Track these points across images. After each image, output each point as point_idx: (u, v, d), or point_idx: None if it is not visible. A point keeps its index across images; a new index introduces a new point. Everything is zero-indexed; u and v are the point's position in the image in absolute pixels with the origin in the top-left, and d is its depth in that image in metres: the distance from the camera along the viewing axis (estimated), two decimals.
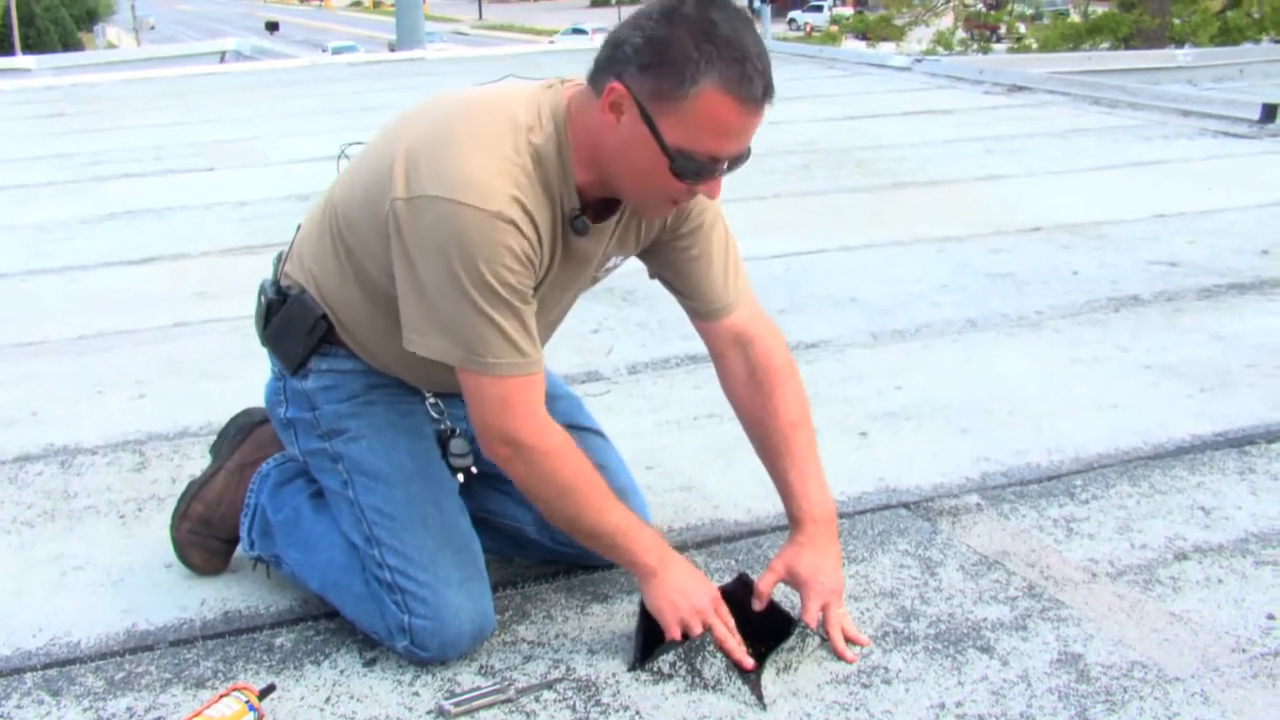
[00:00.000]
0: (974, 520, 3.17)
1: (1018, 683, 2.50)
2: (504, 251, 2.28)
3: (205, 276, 5.53)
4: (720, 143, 2.26)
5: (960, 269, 5.49)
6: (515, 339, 2.35)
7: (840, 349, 4.48)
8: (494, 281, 2.29)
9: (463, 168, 2.27)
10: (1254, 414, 3.83)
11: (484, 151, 2.30)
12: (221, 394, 3.92)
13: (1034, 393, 4.04)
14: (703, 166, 2.27)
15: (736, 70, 2.19)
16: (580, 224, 2.43)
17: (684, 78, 2.20)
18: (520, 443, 2.42)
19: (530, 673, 2.54)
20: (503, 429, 2.42)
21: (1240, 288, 5.14)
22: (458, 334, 2.34)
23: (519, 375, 2.38)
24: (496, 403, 2.40)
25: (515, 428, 2.41)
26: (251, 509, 2.84)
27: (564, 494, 2.48)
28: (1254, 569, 2.93)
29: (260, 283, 2.72)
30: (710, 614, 2.50)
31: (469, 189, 2.26)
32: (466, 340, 2.34)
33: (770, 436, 2.71)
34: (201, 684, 2.53)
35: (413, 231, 2.30)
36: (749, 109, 2.23)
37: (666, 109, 2.23)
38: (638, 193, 2.39)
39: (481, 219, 2.25)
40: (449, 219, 2.26)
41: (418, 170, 2.30)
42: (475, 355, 2.35)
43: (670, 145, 2.24)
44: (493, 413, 2.41)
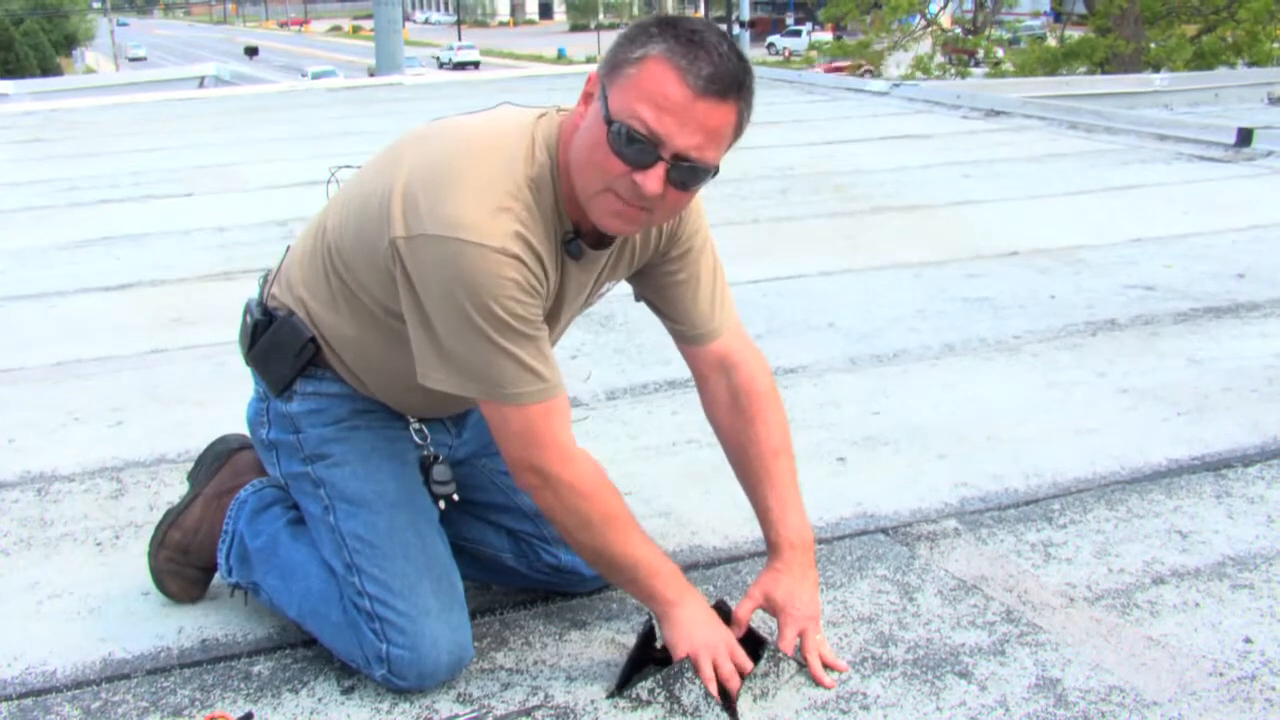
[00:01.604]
0: (952, 545, 3.18)
1: (996, 708, 2.49)
2: (509, 285, 2.28)
3: (183, 303, 5.52)
4: (654, 113, 2.22)
5: (938, 293, 5.50)
6: (533, 366, 2.35)
7: (818, 374, 4.48)
8: (504, 315, 2.29)
9: (463, 206, 2.27)
10: (1230, 438, 3.84)
11: (483, 187, 2.29)
12: (199, 421, 3.91)
13: (1011, 417, 4.05)
14: (636, 140, 2.23)
15: (686, 49, 2.20)
16: (574, 248, 2.43)
17: (634, 47, 2.23)
18: (548, 473, 2.42)
19: (508, 700, 2.54)
20: (530, 460, 2.42)
21: (1216, 311, 5.16)
22: (475, 369, 2.34)
23: (541, 402, 2.38)
24: (521, 433, 2.40)
25: (542, 459, 2.41)
26: (229, 536, 2.83)
27: (588, 526, 2.48)
28: (1231, 592, 2.93)
29: (245, 302, 2.72)
30: (722, 654, 2.50)
31: (470, 227, 2.25)
32: (484, 374, 2.34)
33: (751, 462, 2.71)
34: (179, 713, 2.52)
35: (418, 272, 2.30)
36: (687, 84, 2.20)
37: (615, 77, 2.25)
38: (584, 184, 2.34)
39: (485, 256, 2.25)
40: (453, 258, 2.26)
41: (416, 209, 2.30)
42: (495, 387, 2.35)
43: (610, 112, 2.24)
44: (519, 444, 2.41)
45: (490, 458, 2.83)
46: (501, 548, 2.84)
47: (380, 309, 2.45)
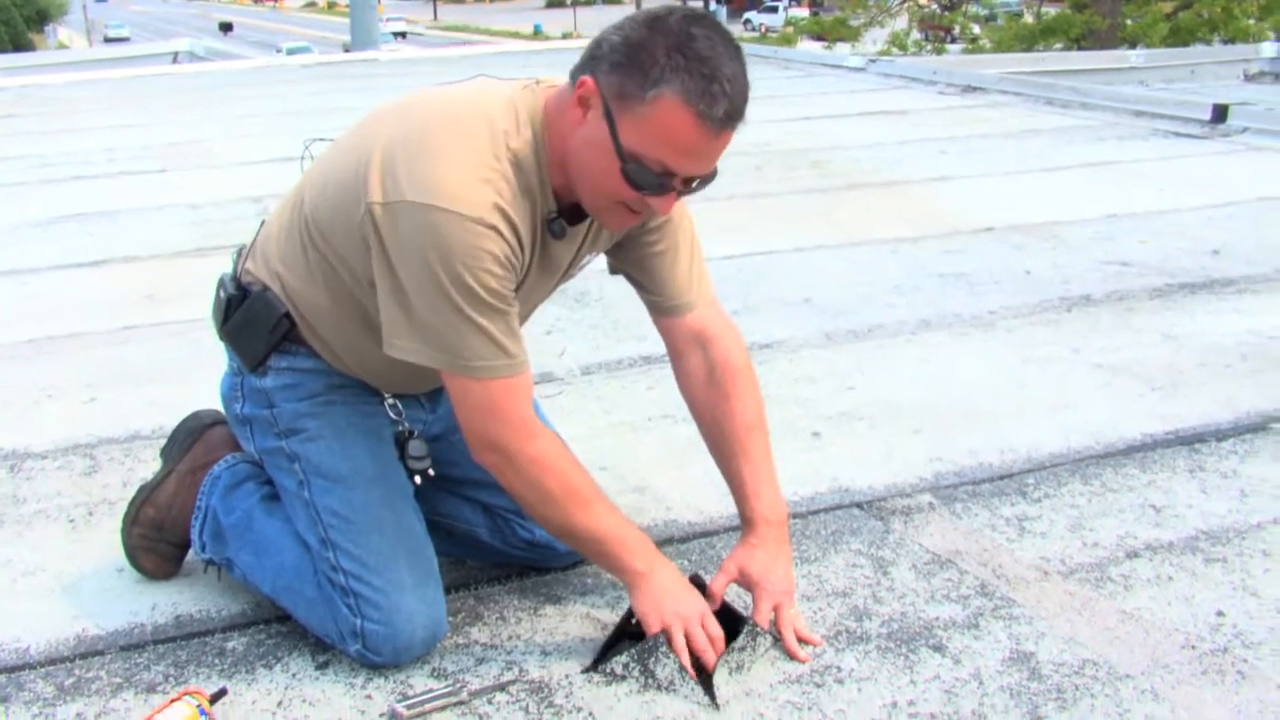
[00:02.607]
0: (926, 520, 3.19)
1: (970, 681, 2.51)
2: (486, 257, 2.27)
3: (156, 279, 5.50)
4: (674, 156, 2.24)
5: (914, 269, 5.51)
6: (500, 340, 2.34)
7: (794, 350, 4.49)
8: (477, 286, 2.28)
9: (442, 174, 2.25)
10: (1204, 413, 3.86)
11: (464, 158, 2.28)
12: (173, 397, 3.90)
13: (987, 393, 4.06)
14: (654, 177, 2.26)
15: (700, 85, 2.17)
16: (557, 227, 2.42)
17: (646, 80, 2.18)
18: (506, 449, 2.42)
19: (483, 675, 2.54)
20: (488, 435, 2.42)
21: (1191, 287, 5.18)
22: (441, 339, 2.33)
23: (504, 377, 2.37)
24: (481, 408, 2.39)
25: (500, 434, 2.41)
26: (203, 512, 2.83)
27: (549, 501, 2.47)
28: (1204, 566, 2.95)
29: (219, 277, 2.70)
30: (694, 623, 2.50)
31: (449, 195, 2.24)
32: (450, 344, 2.33)
33: (726, 437, 2.71)
34: (152, 689, 2.51)
35: (393, 238, 2.29)
36: (706, 127, 2.20)
37: (627, 110, 2.21)
38: (592, 196, 2.36)
39: (463, 225, 2.24)
40: (430, 226, 2.24)
41: (395, 175, 2.28)
42: (459, 359, 2.34)
43: (625, 148, 2.23)
44: (478, 418, 2.40)
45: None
46: (476, 523, 2.84)
47: (357, 282, 2.44)
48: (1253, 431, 3.72)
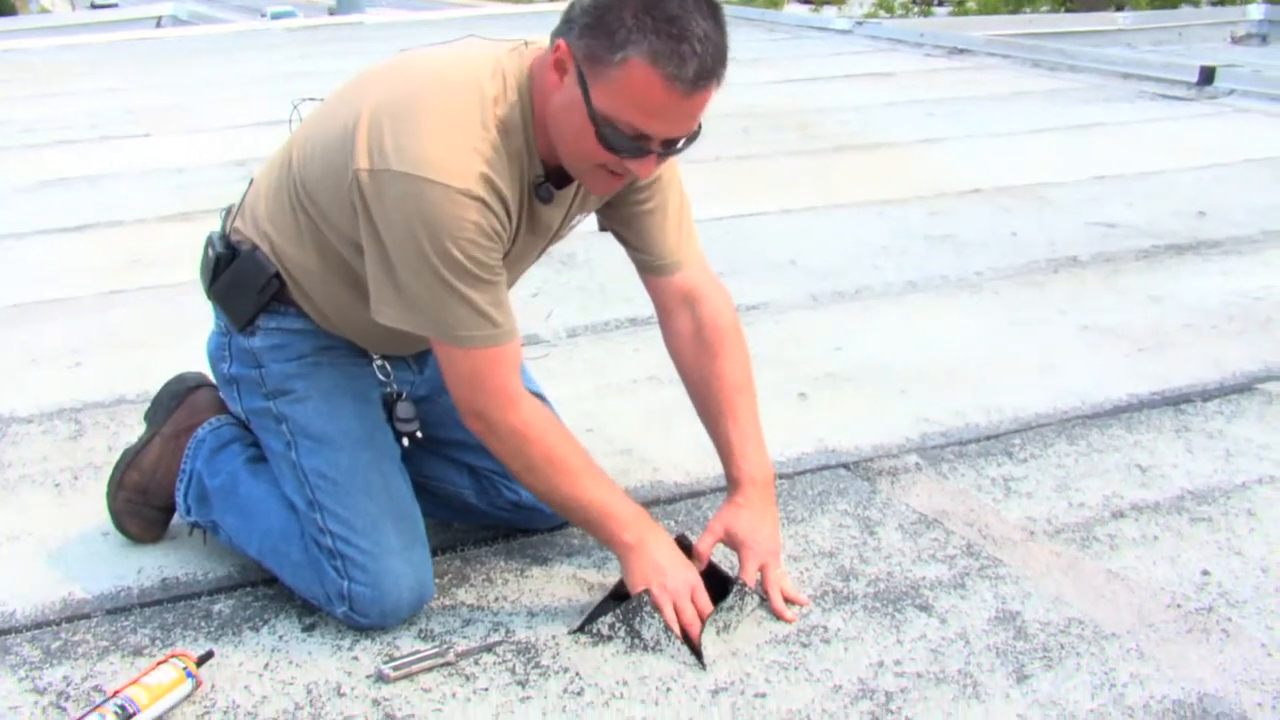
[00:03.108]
0: (913, 480, 3.19)
1: (956, 640, 2.51)
2: (472, 228, 2.25)
3: (141, 244, 5.48)
4: (646, 119, 2.21)
5: (900, 231, 5.50)
6: (487, 311, 2.33)
7: (780, 311, 4.48)
8: (462, 258, 2.26)
9: (429, 143, 2.24)
10: (1190, 373, 3.87)
11: (451, 126, 2.26)
12: (158, 362, 3.88)
13: (973, 354, 4.06)
14: (629, 140, 2.23)
15: (669, 46, 2.13)
16: (544, 192, 2.40)
17: (614, 43, 2.15)
18: (490, 418, 2.42)
19: (470, 636, 2.54)
20: (473, 403, 2.41)
21: (1177, 249, 5.18)
22: (427, 307, 2.32)
23: (491, 347, 2.36)
24: (467, 376, 2.39)
25: (485, 403, 2.41)
26: (187, 475, 2.82)
27: (533, 470, 2.48)
28: (1189, 526, 2.96)
29: (207, 236, 2.68)
30: (683, 597, 2.50)
31: (435, 166, 2.22)
32: (436, 313, 2.32)
33: (713, 397, 2.71)
34: (139, 652, 2.51)
35: (379, 207, 2.27)
36: (676, 89, 2.16)
37: (598, 73, 2.19)
38: (572, 159, 2.34)
39: (448, 196, 2.22)
40: (415, 196, 2.23)
41: (381, 142, 2.26)
42: (445, 327, 2.34)
43: (598, 111, 2.20)
44: (464, 386, 2.40)
45: None
46: (463, 485, 2.83)
47: (345, 244, 2.42)
48: (1238, 392, 3.73)
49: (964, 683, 2.38)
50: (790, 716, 2.29)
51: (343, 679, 2.42)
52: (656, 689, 2.37)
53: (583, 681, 2.39)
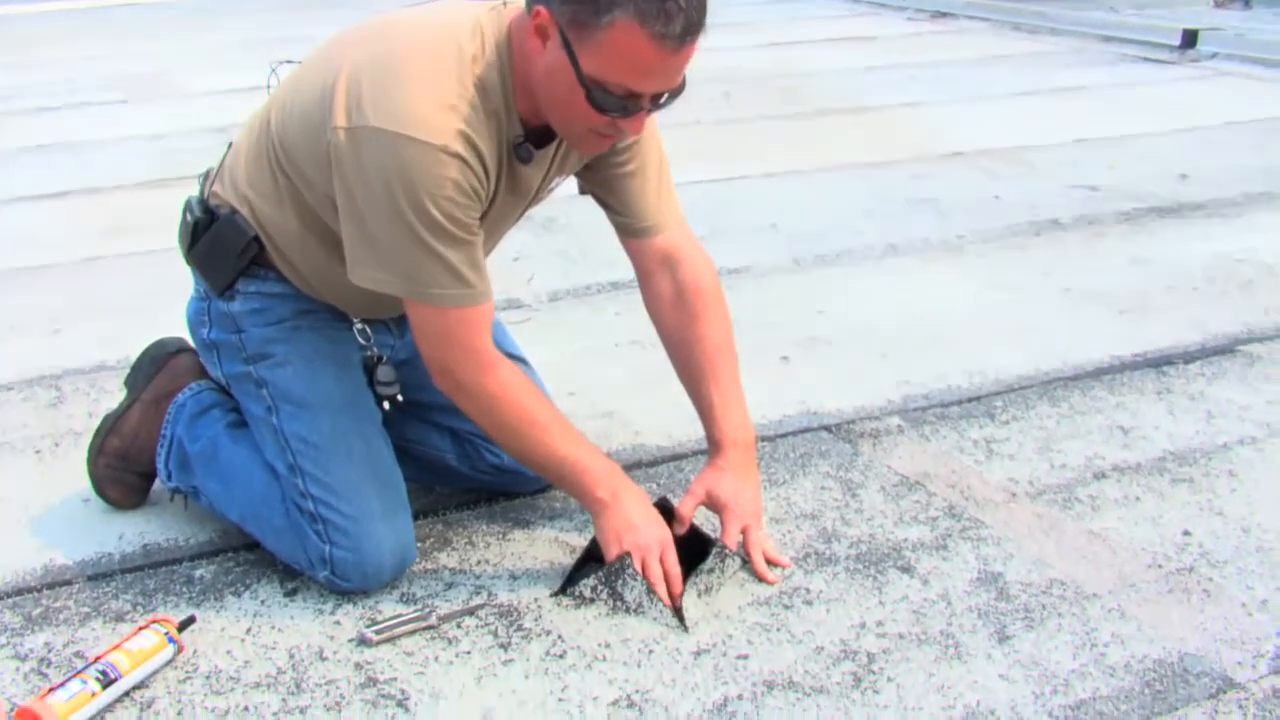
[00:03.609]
0: (895, 442, 3.20)
1: (938, 602, 2.52)
2: (449, 185, 2.25)
3: (120, 211, 5.45)
4: (635, 78, 2.21)
5: (882, 195, 5.50)
6: (460, 270, 2.33)
7: (761, 275, 4.48)
8: (439, 215, 2.26)
9: (408, 100, 2.23)
10: (1172, 336, 3.87)
11: (430, 84, 2.25)
12: (138, 329, 3.85)
13: (955, 317, 4.06)
14: (619, 100, 2.23)
15: (654, 6, 2.12)
16: (524, 152, 2.39)
17: (598, 7, 2.14)
18: (460, 378, 2.42)
19: (452, 600, 2.55)
20: (444, 362, 2.42)
21: (1159, 212, 5.18)
22: (401, 266, 2.31)
23: (463, 307, 2.36)
24: (438, 335, 2.39)
25: (455, 362, 2.41)
26: (168, 440, 2.82)
27: (503, 429, 2.49)
28: (1170, 487, 2.97)
29: (186, 200, 2.67)
30: (652, 554, 2.51)
31: (413, 123, 2.21)
32: (410, 271, 2.32)
33: (694, 360, 2.70)
34: (120, 618, 2.51)
35: (354, 163, 2.26)
36: (665, 47, 2.16)
37: (583, 38, 2.18)
38: (562, 123, 2.34)
39: (426, 153, 2.22)
40: (392, 152, 2.22)
41: (360, 99, 2.25)
42: (418, 286, 2.33)
43: (586, 75, 2.19)
44: (436, 345, 2.41)
45: None
46: (444, 448, 2.83)
47: (324, 205, 2.41)
48: (1220, 354, 3.74)
49: (946, 644, 2.39)
50: (772, 678, 2.29)
51: (325, 643, 2.42)
52: (639, 651, 2.37)
53: (565, 644, 2.40)
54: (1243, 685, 2.27)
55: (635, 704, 2.23)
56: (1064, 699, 2.23)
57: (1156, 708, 2.21)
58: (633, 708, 2.22)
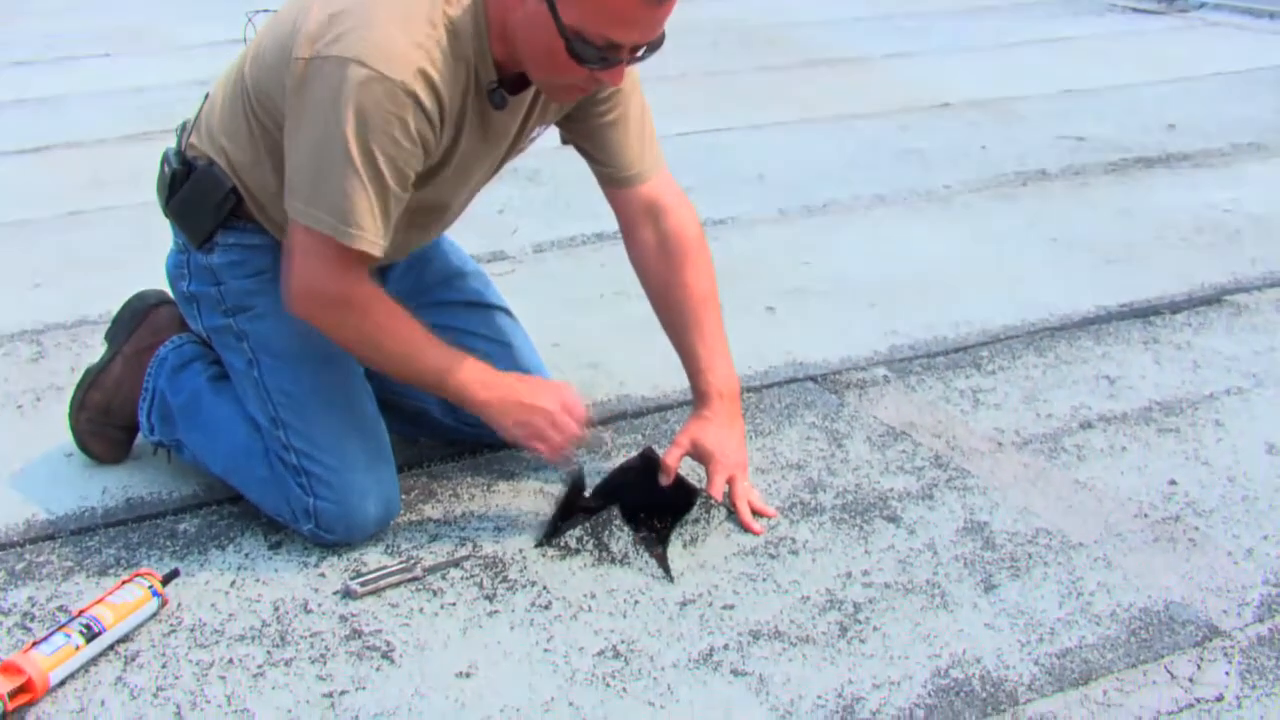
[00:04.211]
0: (881, 393, 3.20)
1: (924, 551, 2.53)
2: (396, 123, 2.22)
3: (101, 165, 5.42)
4: (617, 30, 2.19)
5: (869, 146, 5.48)
6: (369, 209, 2.27)
7: (747, 225, 4.47)
8: (377, 151, 2.23)
9: (373, 36, 2.21)
10: (1159, 286, 3.87)
11: (399, 23, 2.23)
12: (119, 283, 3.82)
13: (941, 267, 4.06)
14: (599, 51, 2.21)
15: None
16: (498, 97, 2.37)
17: None
18: (328, 303, 2.38)
19: (437, 551, 2.55)
20: (311, 282, 2.37)
21: (1147, 162, 5.17)
22: (313, 183, 2.27)
23: (344, 243, 2.29)
24: (312, 258, 2.34)
25: (326, 285, 2.36)
26: (150, 394, 2.81)
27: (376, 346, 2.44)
28: (1157, 437, 2.97)
29: (164, 152, 2.65)
30: (558, 418, 2.48)
31: (375, 56, 2.19)
32: (319, 191, 2.27)
33: (678, 310, 2.70)
34: (104, 571, 2.51)
35: (310, 89, 2.24)
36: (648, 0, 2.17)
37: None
38: (540, 73, 2.33)
39: (382, 86, 2.19)
40: (349, 80, 2.19)
41: (325, 32, 2.23)
42: (314, 209, 2.28)
43: (567, 26, 2.18)
44: (304, 266, 2.36)
45: (416, 310, 2.79)
46: (428, 400, 2.81)
47: None
48: (1206, 304, 3.74)
49: (932, 593, 2.40)
50: (758, 628, 2.30)
51: (310, 596, 2.42)
52: (624, 601, 2.38)
53: (550, 595, 2.40)
54: (1228, 633, 2.29)
55: (621, 654, 2.23)
56: (1050, 647, 2.24)
57: (1142, 656, 2.22)
58: (618, 658, 2.22)
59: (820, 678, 2.17)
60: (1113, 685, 2.15)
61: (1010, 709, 2.10)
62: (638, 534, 2.52)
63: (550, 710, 2.10)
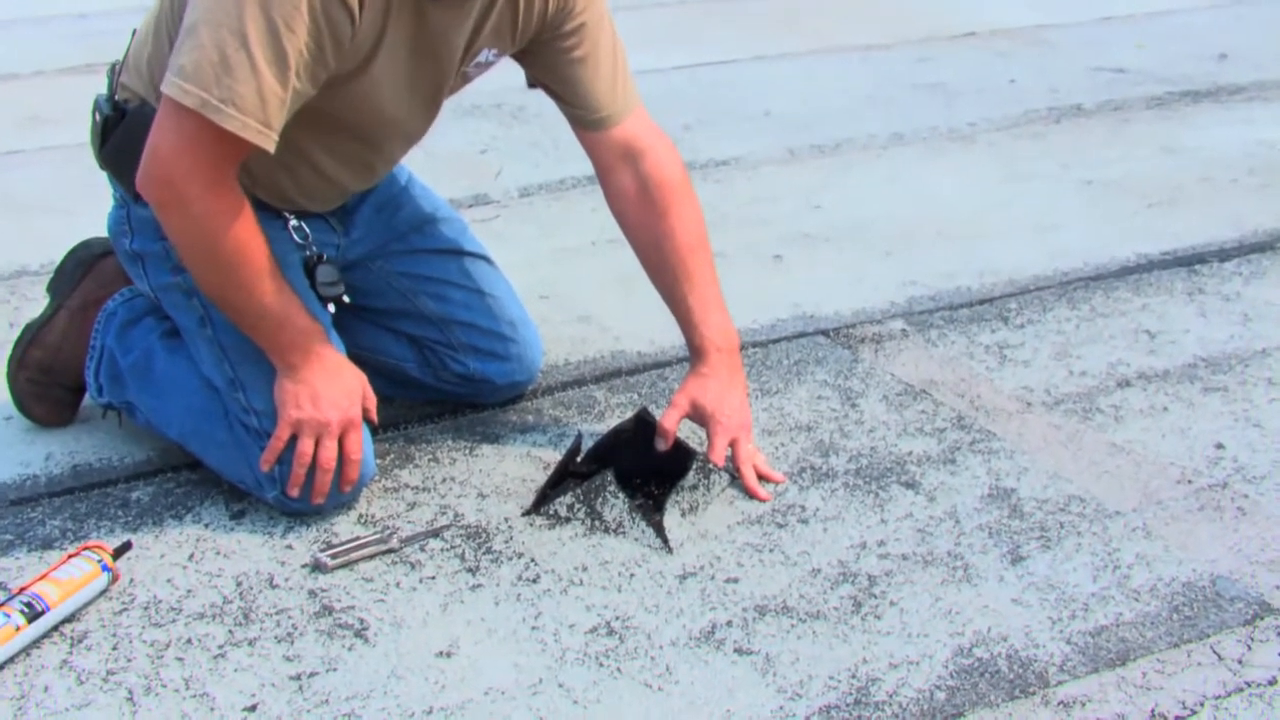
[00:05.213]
0: (898, 348, 3.21)
1: (945, 520, 2.54)
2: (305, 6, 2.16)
3: (40, 100, 5.41)
4: None
5: (885, 80, 5.48)
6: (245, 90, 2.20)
7: (752, 166, 4.48)
8: (281, 25, 2.16)
9: None
10: (1205, 231, 3.88)
11: None
12: (62, 229, 3.84)
13: (965, 211, 4.07)
14: None
15: None
16: None
17: None
18: (184, 192, 2.30)
19: (415, 521, 2.56)
20: (175, 168, 2.29)
21: (1194, 95, 5.18)
22: (201, 56, 2.18)
23: (234, 129, 2.22)
24: (189, 139, 2.26)
25: (189, 171, 2.28)
26: (98, 351, 2.80)
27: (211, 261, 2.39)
28: (1202, 396, 2.99)
29: (94, 99, 2.65)
30: (331, 433, 2.48)
31: None
32: (207, 64, 2.18)
33: (666, 260, 2.71)
34: (48, 545, 2.52)
35: None
36: None
37: None
38: None
39: None
40: None
41: None
42: (198, 80, 2.20)
43: None
44: (173, 145, 2.28)
45: (386, 259, 2.82)
46: (403, 357, 2.83)
47: None
48: (1259, 251, 3.75)
49: (953, 565, 2.41)
50: (764, 602, 2.31)
51: (275, 569, 2.43)
52: (619, 574, 2.40)
53: (538, 567, 2.41)
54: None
55: (615, 631, 2.25)
56: (1083, 625, 2.25)
57: (1185, 634, 2.22)
58: (612, 635, 2.24)
59: (832, 657, 2.18)
60: (1153, 666, 2.15)
61: (1040, 691, 2.10)
62: (633, 501, 2.53)
63: (538, 692, 2.11)
